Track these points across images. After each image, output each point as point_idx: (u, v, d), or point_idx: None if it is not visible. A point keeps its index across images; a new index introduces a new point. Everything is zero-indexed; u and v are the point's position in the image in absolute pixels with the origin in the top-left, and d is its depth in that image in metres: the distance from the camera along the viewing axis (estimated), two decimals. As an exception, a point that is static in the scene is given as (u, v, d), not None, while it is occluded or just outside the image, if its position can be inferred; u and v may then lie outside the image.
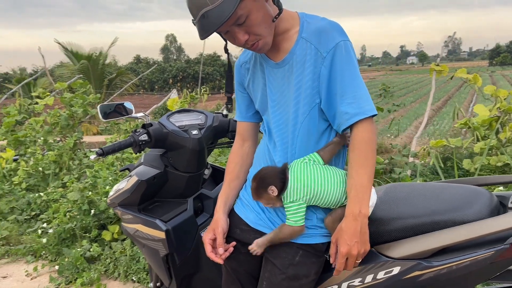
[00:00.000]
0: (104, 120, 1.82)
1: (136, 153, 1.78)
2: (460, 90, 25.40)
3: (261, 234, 1.42)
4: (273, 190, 1.31)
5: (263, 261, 1.44)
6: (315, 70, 1.31)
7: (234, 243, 1.49)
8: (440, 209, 1.32)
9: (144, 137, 1.77)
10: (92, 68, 14.81)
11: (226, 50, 1.44)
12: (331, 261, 1.31)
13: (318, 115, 1.35)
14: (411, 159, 3.78)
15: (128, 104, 1.88)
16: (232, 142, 2.11)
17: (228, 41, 1.36)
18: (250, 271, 1.50)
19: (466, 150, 3.93)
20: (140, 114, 1.84)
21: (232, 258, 1.50)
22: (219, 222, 1.50)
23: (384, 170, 3.85)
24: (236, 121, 1.88)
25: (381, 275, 1.33)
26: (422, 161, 4.01)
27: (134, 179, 1.86)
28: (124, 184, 1.92)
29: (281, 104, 1.40)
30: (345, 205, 1.29)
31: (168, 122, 1.88)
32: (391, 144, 4.41)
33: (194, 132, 1.86)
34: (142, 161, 1.98)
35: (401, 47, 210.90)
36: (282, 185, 1.31)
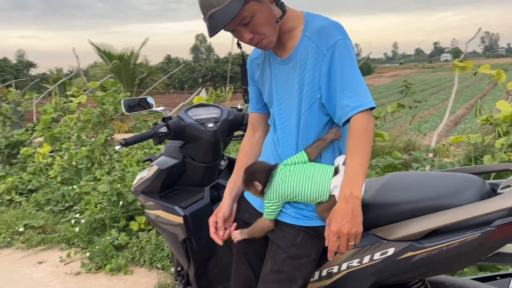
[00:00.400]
0: (127, 113, 1.98)
1: (156, 144, 1.93)
2: (496, 87, 24.64)
3: None
4: (258, 185, 1.45)
5: (268, 242, 1.56)
6: (316, 67, 1.40)
7: (235, 224, 1.64)
8: (435, 195, 1.40)
9: (164, 129, 1.91)
10: (123, 68, 15.27)
11: (239, 45, 1.55)
12: (326, 243, 1.37)
13: (318, 109, 1.45)
14: (430, 155, 3.80)
15: (150, 99, 2.04)
16: None
17: None
18: (257, 252, 1.62)
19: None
20: (160, 108, 1.99)
21: (241, 240, 1.63)
22: (222, 207, 1.65)
23: (405, 165, 3.89)
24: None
25: (377, 256, 1.42)
26: (444, 158, 4.01)
27: (154, 168, 2.01)
28: (146, 173, 2.08)
29: (285, 99, 1.51)
30: (333, 195, 1.39)
31: (186, 115, 2.02)
32: (409, 140, 4.43)
33: (210, 125, 1.99)
34: (163, 152, 2.13)
35: (435, 43, 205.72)
36: (266, 183, 1.45)
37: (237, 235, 1.58)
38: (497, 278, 1.71)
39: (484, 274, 1.79)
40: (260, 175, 1.46)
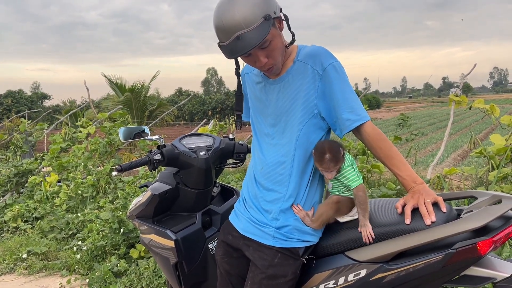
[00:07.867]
0: (123, 141, 2.11)
1: (151, 171, 2.04)
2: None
3: (249, 240, 1.62)
4: (341, 152, 1.50)
5: (250, 264, 1.64)
6: (312, 85, 1.53)
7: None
8: (404, 220, 1.48)
9: (158, 156, 2.03)
10: (134, 100, 15.57)
11: (237, 73, 1.63)
12: (399, 211, 1.51)
13: (315, 124, 1.57)
14: (426, 187, 3.85)
15: (146, 129, 2.16)
16: (237, 163, 2.35)
17: (240, 64, 1.60)
18: (241, 274, 1.70)
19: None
20: (155, 137, 2.12)
21: (225, 261, 1.71)
22: None
23: (400, 195, 3.94)
24: (241, 144, 2.14)
25: (351, 277, 1.49)
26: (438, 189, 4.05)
27: (148, 193, 2.11)
28: (141, 198, 2.18)
29: (277, 116, 1.61)
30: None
31: (180, 144, 2.14)
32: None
33: (202, 153, 2.11)
34: (157, 178, 2.24)
35: (443, 78, 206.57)
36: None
37: (311, 221, 1.57)
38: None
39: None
40: (336, 144, 1.51)
